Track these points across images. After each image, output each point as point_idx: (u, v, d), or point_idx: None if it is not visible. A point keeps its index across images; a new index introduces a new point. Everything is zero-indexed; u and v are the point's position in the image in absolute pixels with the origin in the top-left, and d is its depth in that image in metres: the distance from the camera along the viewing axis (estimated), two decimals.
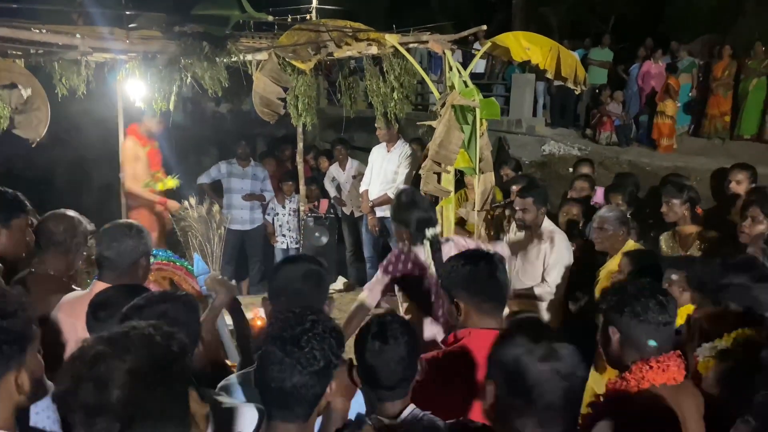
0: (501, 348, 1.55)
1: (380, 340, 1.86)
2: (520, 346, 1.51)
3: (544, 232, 4.24)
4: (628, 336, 1.99)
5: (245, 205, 6.95)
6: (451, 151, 4.59)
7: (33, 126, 3.96)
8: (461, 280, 2.30)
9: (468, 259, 2.32)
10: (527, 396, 1.46)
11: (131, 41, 3.94)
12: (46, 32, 3.68)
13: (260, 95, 4.29)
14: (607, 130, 10.81)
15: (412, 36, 4.88)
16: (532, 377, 1.46)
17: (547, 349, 1.49)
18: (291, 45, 4.29)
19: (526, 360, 1.48)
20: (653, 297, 1.99)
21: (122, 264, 2.53)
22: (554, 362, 1.47)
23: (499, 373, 1.53)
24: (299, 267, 2.21)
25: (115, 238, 2.54)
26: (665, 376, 1.93)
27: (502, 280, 2.29)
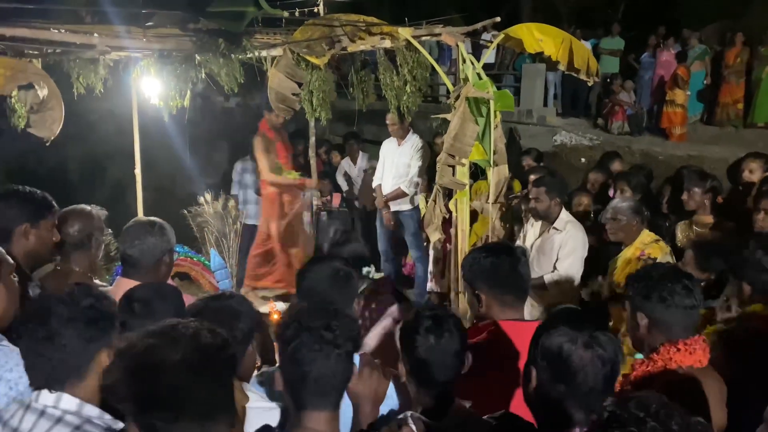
0: (545, 335, 1.63)
1: (435, 335, 1.87)
2: (564, 334, 1.60)
3: (559, 222, 4.23)
4: (655, 320, 2.03)
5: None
6: (465, 143, 4.58)
7: (47, 125, 4.00)
8: (483, 273, 2.32)
9: (490, 251, 2.35)
10: (570, 381, 1.56)
11: (147, 39, 3.96)
12: (64, 32, 3.71)
13: (276, 91, 4.31)
14: (619, 120, 10.75)
15: (425, 29, 4.87)
16: (575, 363, 1.56)
17: (589, 337, 1.58)
18: (305, 40, 4.29)
19: (569, 347, 1.57)
20: (679, 281, 2.04)
21: (146, 261, 2.57)
22: (596, 349, 1.57)
23: (542, 359, 1.61)
24: (327, 267, 2.25)
25: (138, 236, 2.58)
26: (692, 359, 1.98)
27: (523, 273, 2.31)
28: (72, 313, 1.69)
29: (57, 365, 1.67)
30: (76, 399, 1.67)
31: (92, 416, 1.68)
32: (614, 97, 10.80)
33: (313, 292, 2.21)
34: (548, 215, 4.27)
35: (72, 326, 1.68)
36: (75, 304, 1.71)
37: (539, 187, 4.27)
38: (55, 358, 1.66)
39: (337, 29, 4.43)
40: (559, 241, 4.19)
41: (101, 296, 1.80)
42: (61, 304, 1.70)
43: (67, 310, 1.69)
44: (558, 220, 4.25)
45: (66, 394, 1.67)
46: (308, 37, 4.32)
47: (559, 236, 4.20)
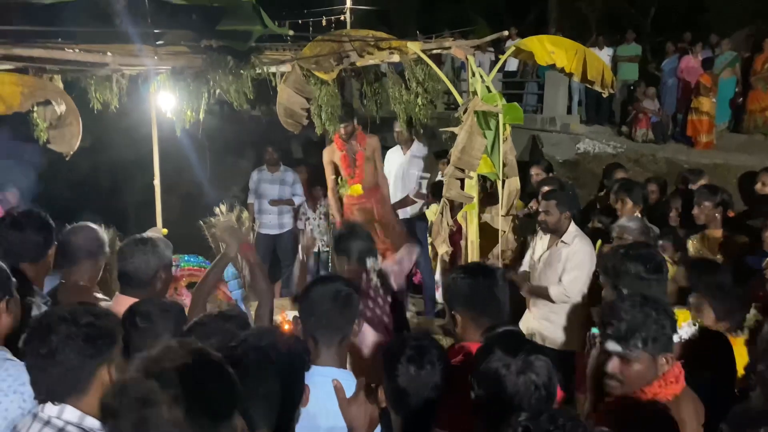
0: (481, 360, 1.67)
1: (416, 365, 1.86)
2: (499, 359, 1.64)
3: (567, 236, 4.22)
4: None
5: (274, 210, 7.09)
6: (473, 156, 4.60)
7: (66, 140, 4.14)
8: (459, 294, 2.33)
9: (468, 273, 2.35)
10: (505, 405, 1.58)
11: (159, 57, 4.08)
12: (78, 51, 3.85)
13: (284, 106, 4.39)
14: (643, 127, 10.61)
15: (435, 42, 4.92)
16: (508, 388, 1.60)
17: (522, 362, 1.62)
18: (313, 56, 4.37)
19: (503, 372, 1.62)
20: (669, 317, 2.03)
21: (141, 277, 2.65)
22: (529, 374, 1.61)
23: (479, 385, 1.66)
24: (330, 288, 2.27)
25: (132, 253, 2.67)
26: (669, 391, 1.96)
27: (500, 297, 2.31)
28: (71, 331, 1.77)
29: (58, 380, 1.76)
30: (78, 411, 1.76)
31: (94, 428, 1.76)
32: (638, 105, 10.67)
33: (313, 312, 2.23)
34: (557, 229, 4.26)
35: (71, 343, 1.76)
36: (75, 322, 1.79)
37: (549, 200, 4.26)
38: (56, 373, 1.76)
39: (346, 44, 4.49)
40: (565, 254, 4.18)
41: (102, 314, 1.88)
42: (62, 323, 1.78)
43: (66, 328, 1.77)
44: (566, 234, 4.23)
45: (69, 406, 1.76)
46: (317, 53, 4.39)
47: (566, 250, 4.19)
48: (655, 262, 2.71)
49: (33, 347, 1.78)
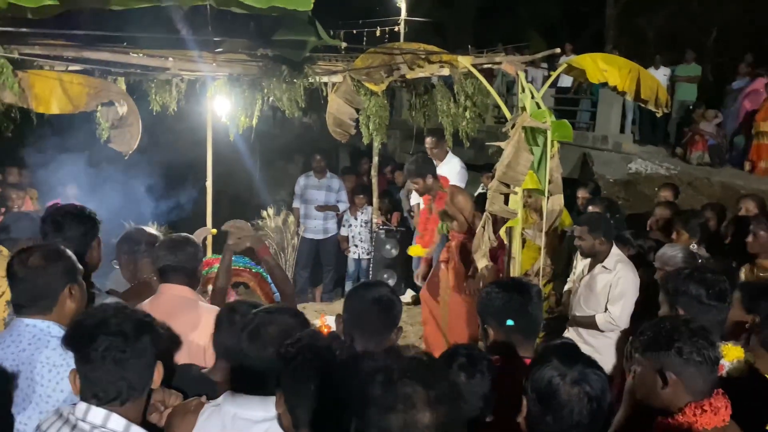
0: (536, 368, 1.71)
1: (467, 373, 1.90)
2: (555, 368, 1.68)
3: (608, 262, 4.13)
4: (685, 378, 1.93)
5: (319, 215, 7.22)
6: (519, 172, 4.59)
7: (126, 140, 4.34)
8: (492, 309, 2.35)
9: (503, 288, 2.37)
10: (557, 414, 1.64)
11: (217, 63, 4.24)
12: (142, 56, 4.04)
13: (334, 116, 4.49)
14: (699, 150, 10.31)
15: (486, 57, 4.93)
16: (562, 398, 1.64)
17: (578, 373, 1.66)
18: (365, 68, 4.46)
19: (557, 381, 1.66)
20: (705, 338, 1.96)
21: (187, 269, 2.80)
22: (584, 385, 1.64)
23: (532, 391, 1.70)
24: (373, 292, 2.33)
25: (177, 247, 2.82)
26: (717, 419, 1.91)
27: (534, 314, 2.32)
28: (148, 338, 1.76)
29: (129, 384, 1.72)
30: (124, 420, 1.70)
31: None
32: (695, 126, 10.39)
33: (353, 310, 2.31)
34: (594, 254, 4.20)
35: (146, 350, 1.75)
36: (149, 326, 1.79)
37: (582, 225, 4.21)
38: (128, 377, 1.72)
39: (397, 57, 4.57)
40: (607, 281, 4.09)
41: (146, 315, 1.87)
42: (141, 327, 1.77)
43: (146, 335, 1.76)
44: (608, 260, 4.15)
45: (114, 414, 1.70)
46: (368, 65, 4.48)
47: (608, 276, 4.10)
48: (719, 288, 2.63)
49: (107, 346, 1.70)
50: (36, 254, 2.12)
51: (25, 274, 2.08)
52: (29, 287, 2.08)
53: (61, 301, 2.14)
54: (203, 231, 4.94)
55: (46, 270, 2.09)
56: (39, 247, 2.21)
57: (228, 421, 1.83)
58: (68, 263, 2.18)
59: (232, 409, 1.84)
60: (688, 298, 2.63)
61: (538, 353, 1.82)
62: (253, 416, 1.81)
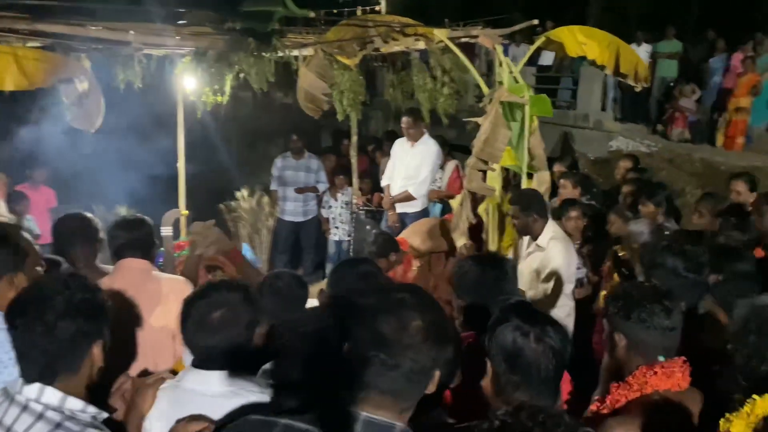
0: (499, 329, 1.73)
1: None
2: (517, 327, 1.70)
3: (541, 239, 3.97)
4: (634, 342, 1.99)
5: (299, 198, 7.07)
6: (496, 148, 4.49)
7: (88, 118, 4.16)
8: (465, 283, 2.33)
9: (476, 262, 2.32)
10: (524, 372, 1.68)
11: (182, 37, 4.06)
12: (101, 29, 3.85)
13: (305, 90, 4.35)
14: (680, 127, 10.28)
15: (462, 30, 4.79)
16: (528, 356, 1.67)
17: (540, 330, 1.69)
18: (337, 41, 4.30)
19: (522, 340, 1.68)
20: (659, 302, 1.99)
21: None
22: (547, 341, 1.68)
23: (497, 353, 1.72)
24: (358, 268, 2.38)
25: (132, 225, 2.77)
26: (670, 382, 1.92)
27: (506, 288, 2.25)
28: (69, 307, 1.68)
29: (52, 359, 1.67)
30: (60, 393, 1.67)
31: (75, 410, 1.67)
32: (675, 103, 10.34)
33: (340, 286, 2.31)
34: (527, 232, 4.05)
35: (69, 320, 1.67)
36: (71, 297, 1.71)
37: (514, 204, 4.06)
38: (51, 351, 1.67)
39: (371, 30, 4.42)
40: (540, 259, 3.95)
41: (95, 288, 1.81)
42: (59, 297, 1.69)
43: (64, 304, 1.68)
44: (541, 237, 3.98)
45: (49, 387, 1.66)
46: (341, 38, 4.33)
47: (541, 255, 3.95)
48: (697, 261, 2.58)
49: (26, 322, 1.66)
50: None
51: None
52: None
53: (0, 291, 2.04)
54: (173, 213, 4.79)
55: None
56: None
57: (185, 396, 1.84)
58: (11, 251, 2.08)
59: (188, 385, 1.86)
60: (664, 271, 2.58)
61: (496, 314, 1.82)
62: (208, 391, 1.82)
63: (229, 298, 1.90)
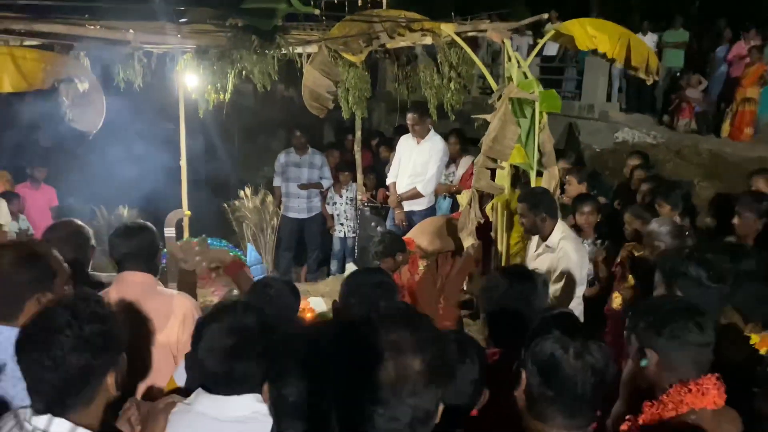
0: (537, 340, 1.64)
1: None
2: (556, 340, 1.61)
3: (551, 240, 3.83)
4: (667, 359, 1.90)
5: (302, 194, 6.98)
6: (505, 146, 4.39)
7: (89, 119, 4.07)
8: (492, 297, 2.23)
9: (505, 275, 2.23)
10: (559, 388, 1.59)
11: (183, 35, 3.96)
12: (99, 28, 3.75)
13: (310, 89, 4.24)
14: (686, 117, 10.14)
15: (470, 25, 4.69)
16: (565, 371, 1.58)
17: (581, 345, 1.60)
18: (342, 37, 4.20)
19: (560, 354, 1.60)
20: (691, 318, 1.91)
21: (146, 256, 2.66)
22: (587, 358, 1.58)
23: (533, 364, 1.64)
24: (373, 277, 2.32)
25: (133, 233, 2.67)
26: (705, 400, 1.85)
27: (535, 304, 2.16)
28: (78, 342, 1.57)
29: (62, 393, 1.58)
30: (69, 424, 1.59)
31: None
32: (682, 93, 10.20)
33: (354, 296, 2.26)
34: (536, 231, 3.91)
35: (79, 355, 1.57)
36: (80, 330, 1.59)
37: (522, 202, 3.92)
38: (60, 386, 1.56)
39: (376, 25, 4.31)
40: (550, 260, 3.81)
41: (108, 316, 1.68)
42: (68, 330, 1.57)
43: (73, 339, 1.57)
44: (551, 237, 3.84)
45: (58, 418, 1.58)
46: (345, 34, 4.22)
47: (551, 255, 3.82)
48: (720, 269, 2.50)
49: (33, 357, 1.56)
50: (7, 257, 1.96)
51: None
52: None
53: (28, 310, 1.96)
54: (177, 213, 4.72)
55: (12, 277, 1.95)
56: (14, 247, 2.04)
57: (199, 421, 1.80)
58: (40, 270, 2.00)
59: (201, 409, 1.81)
60: (687, 280, 2.49)
61: (536, 325, 1.76)
62: (222, 415, 1.78)
63: (245, 323, 1.83)
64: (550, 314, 1.88)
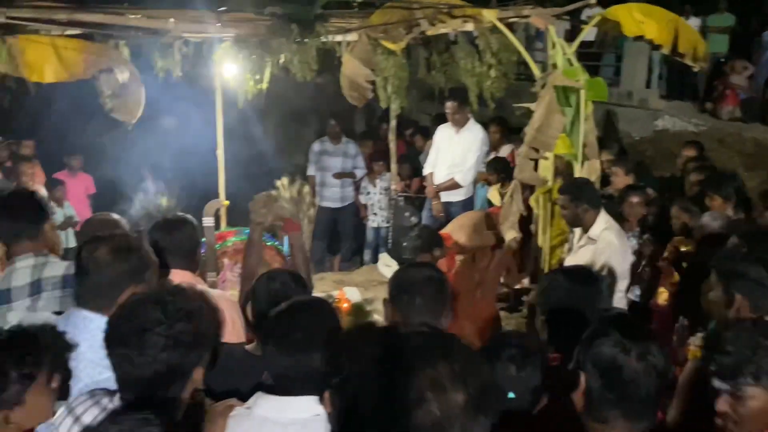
0: (597, 342, 1.60)
1: (517, 365, 1.80)
2: (617, 343, 1.56)
3: (593, 231, 3.71)
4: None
5: (336, 183, 6.94)
6: (550, 136, 4.27)
7: (129, 109, 4.06)
8: (554, 300, 2.15)
9: (567, 277, 2.14)
10: (621, 391, 1.55)
11: (222, 24, 3.92)
12: (140, 17, 3.73)
13: (349, 78, 4.17)
14: (730, 105, 9.81)
15: (513, 10, 4.56)
16: (628, 374, 1.54)
17: (643, 347, 1.55)
18: (382, 24, 4.11)
19: (622, 357, 1.55)
20: None
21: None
22: (650, 360, 1.54)
23: (593, 367, 1.59)
24: (424, 272, 2.22)
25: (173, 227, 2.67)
26: None
27: (596, 310, 2.06)
28: (169, 341, 1.59)
29: (150, 388, 1.60)
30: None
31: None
32: (726, 80, 9.86)
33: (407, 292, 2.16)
34: (578, 224, 3.80)
35: (169, 354, 1.59)
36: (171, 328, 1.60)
37: (563, 194, 3.80)
38: (149, 381, 1.60)
39: (417, 12, 4.21)
40: (592, 252, 3.69)
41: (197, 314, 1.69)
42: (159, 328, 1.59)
43: (164, 339, 1.59)
44: (593, 228, 3.72)
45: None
46: (385, 21, 4.13)
47: (593, 248, 3.69)
48: None
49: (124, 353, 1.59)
50: (105, 247, 1.98)
51: (90, 266, 1.96)
52: (92, 282, 1.96)
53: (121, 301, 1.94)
54: (215, 203, 4.71)
55: (111, 266, 1.96)
56: (111, 238, 2.05)
57: (258, 424, 1.75)
58: (136, 262, 2.02)
59: (260, 412, 1.76)
60: (747, 282, 2.39)
61: (593, 326, 1.69)
62: (283, 418, 1.73)
63: (314, 318, 1.80)
64: (607, 315, 1.81)
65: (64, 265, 2.25)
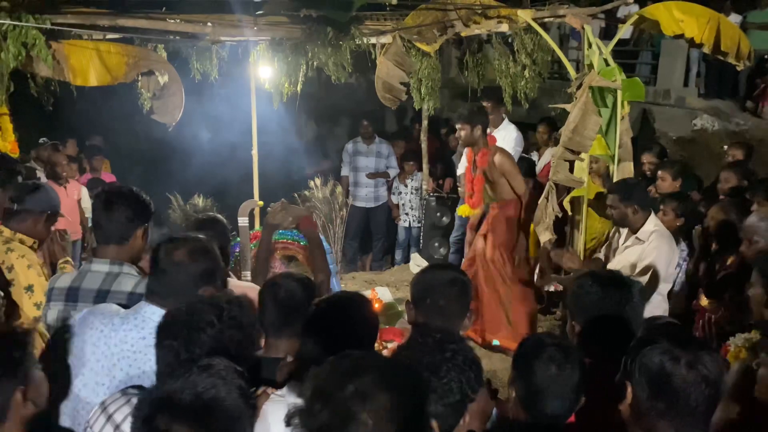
0: (645, 351, 1.57)
1: (557, 364, 1.79)
2: (666, 351, 1.54)
3: (642, 233, 3.67)
4: None
5: (369, 183, 6.98)
6: (586, 137, 4.21)
7: (169, 111, 4.15)
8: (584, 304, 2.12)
9: (598, 282, 2.11)
10: (671, 401, 1.52)
11: (259, 28, 3.97)
12: (179, 22, 3.80)
13: (383, 80, 4.19)
14: None
15: (548, 10, 4.51)
16: (678, 383, 1.51)
17: (693, 356, 1.52)
18: (416, 26, 4.11)
19: (671, 366, 1.52)
20: None
21: None
22: (701, 369, 1.51)
23: (641, 376, 1.56)
24: (447, 274, 2.22)
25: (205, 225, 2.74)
26: None
27: (630, 314, 2.03)
28: (215, 344, 1.67)
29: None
30: None
31: None
32: (767, 78, 9.60)
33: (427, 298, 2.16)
34: (627, 224, 3.75)
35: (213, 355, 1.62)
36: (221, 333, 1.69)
37: (614, 193, 3.77)
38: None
39: (451, 13, 4.20)
40: (639, 252, 3.66)
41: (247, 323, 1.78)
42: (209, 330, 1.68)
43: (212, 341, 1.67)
44: (642, 230, 3.68)
45: None
46: (419, 23, 4.13)
47: (640, 248, 3.66)
48: None
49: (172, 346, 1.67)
50: (182, 249, 2.05)
51: (166, 266, 2.03)
52: (167, 280, 2.03)
53: None
54: (250, 203, 4.77)
55: (186, 268, 2.03)
56: (188, 241, 2.12)
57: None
58: (210, 264, 2.09)
59: (293, 400, 1.76)
60: None
61: (642, 334, 1.70)
62: None
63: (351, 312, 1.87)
64: (657, 323, 1.78)
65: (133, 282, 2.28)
